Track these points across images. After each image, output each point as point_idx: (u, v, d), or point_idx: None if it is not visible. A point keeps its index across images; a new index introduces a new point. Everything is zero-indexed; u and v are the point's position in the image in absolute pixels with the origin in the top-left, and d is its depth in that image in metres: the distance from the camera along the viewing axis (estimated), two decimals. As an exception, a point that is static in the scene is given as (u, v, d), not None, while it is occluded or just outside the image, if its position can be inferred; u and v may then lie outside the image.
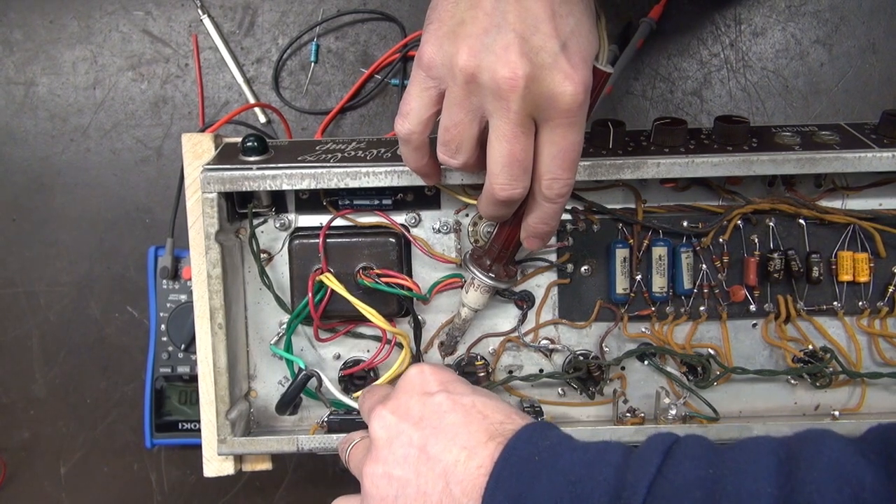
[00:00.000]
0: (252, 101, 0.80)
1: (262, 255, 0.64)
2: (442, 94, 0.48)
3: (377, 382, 0.63)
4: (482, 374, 0.65)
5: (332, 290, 0.61)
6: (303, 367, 0.63)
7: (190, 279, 0.75)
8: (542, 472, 0.43)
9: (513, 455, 0.45)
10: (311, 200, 0.64)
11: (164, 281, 0.77)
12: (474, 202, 0.62)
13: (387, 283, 0.61)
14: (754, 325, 0.65)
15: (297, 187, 0.59)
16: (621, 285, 0.63)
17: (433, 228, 0.64)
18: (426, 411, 0.50)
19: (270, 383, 0.67)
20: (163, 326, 0.77)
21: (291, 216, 0.64)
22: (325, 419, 0.64)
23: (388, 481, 0.48)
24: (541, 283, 0.65)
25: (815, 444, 0.41)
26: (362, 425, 0.62)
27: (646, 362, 0.65)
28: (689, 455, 0.42)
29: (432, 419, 0.49)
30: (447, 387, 0.51)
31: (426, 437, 0.48)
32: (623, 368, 0.66)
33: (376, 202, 0.63)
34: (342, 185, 0.59)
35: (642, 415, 0.65)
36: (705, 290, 0.64)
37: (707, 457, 0.42)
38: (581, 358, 0.65)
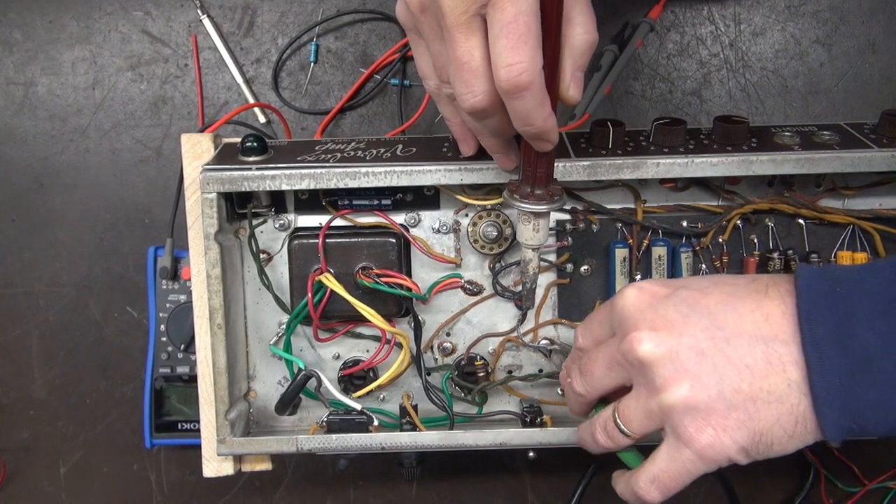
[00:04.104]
0: (251, 101, 0.80)
1: (262, 256, 0.64)
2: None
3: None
4: (482, 374, 0.65)
5: (332, 291, 0.61)
6: (302, 367, 0.63)
7: (189, 279, 0.75)
8: (853, 300, 0.41)
9: (810, 295, 0.43)
10: (310, 200, 0.64)
11: (164, 281, 0.77)
12: (473, 202, 0.62)
13: (386, 284, 0.61)
14: (754, 325, 0.65)
15: (297, 187, 0.59)
16: (621, 285, 0.63)
17: (432, 228, 0.64)
18: (681, 310, 0.46)
19: (270, 383, 0.67)
20: (162, 327, 0.77)
21: (291, 216, 0.64)
22: (325, 419, 0.64)
23: (702, 388, 0.44)
24: (540, 283, 0.65)
25: None
26: (363, 426, 0.62)
27: (645, 362, 0.65)
28: None
29: (697, 310, 0.45)
30: (671, 284, 0.48)
31: (706, 327, 0.45)
32: (622, 368, 0.66)
33: (375, 202, 0.63)
34: (342, 185, 0.59)
35: (642, 415, 0.65)
36: (705, 290, 0.64)
37: None
38: (580, 358, 0.65)
